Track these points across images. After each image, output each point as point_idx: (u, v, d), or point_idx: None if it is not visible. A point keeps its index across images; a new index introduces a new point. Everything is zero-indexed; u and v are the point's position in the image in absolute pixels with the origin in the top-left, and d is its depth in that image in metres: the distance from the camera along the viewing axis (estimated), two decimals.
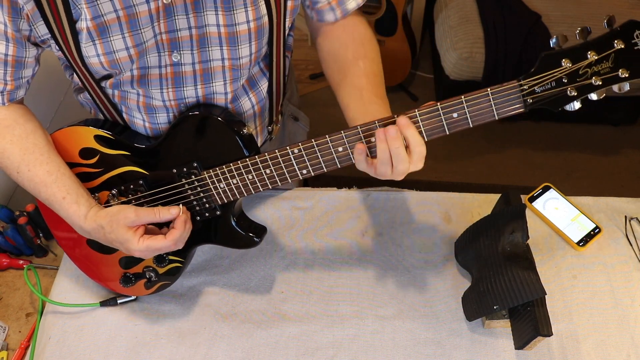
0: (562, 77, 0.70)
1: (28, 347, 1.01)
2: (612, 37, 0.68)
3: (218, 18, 0.84)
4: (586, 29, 0.69)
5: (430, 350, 0.99)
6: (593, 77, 0.69)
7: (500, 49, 2.31)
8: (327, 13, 0.95)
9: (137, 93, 0.91)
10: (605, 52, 0.68)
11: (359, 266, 1.11)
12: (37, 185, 0.90)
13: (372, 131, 0.79)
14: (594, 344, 0.99)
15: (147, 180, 0.94)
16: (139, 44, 0.82)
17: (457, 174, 2.40)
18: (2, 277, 1.12)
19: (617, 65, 0.69)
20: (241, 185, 0.89)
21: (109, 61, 0.83)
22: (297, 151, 0.83)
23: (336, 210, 1.19)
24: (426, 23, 2.84)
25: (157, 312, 1.05)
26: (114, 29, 0.80)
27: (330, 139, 0.81)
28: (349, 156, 0.82)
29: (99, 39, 0.81)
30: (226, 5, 0.83)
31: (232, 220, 0.95)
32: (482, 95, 0.73)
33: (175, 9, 0.81)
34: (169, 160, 0.91)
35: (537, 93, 0.71)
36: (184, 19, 0.82)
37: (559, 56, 0.70)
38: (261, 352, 0.99)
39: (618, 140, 2.55)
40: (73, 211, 0.89)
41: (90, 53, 0.82)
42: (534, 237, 1.13)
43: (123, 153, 0.93)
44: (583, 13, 2.42)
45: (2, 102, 0.91)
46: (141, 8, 0.79)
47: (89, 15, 0.78)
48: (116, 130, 0.95)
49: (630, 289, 1.06)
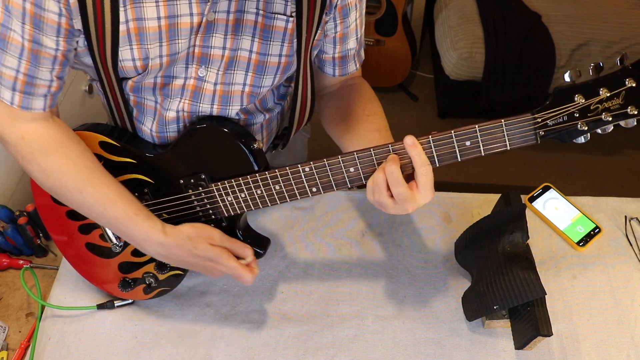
0: (574, 112, 0.72)
1: (28, 347, 1.01)
2: (624, 75, 0.70)
3: (253, 44, 0.85)
4: (599, 65, 0.70)
5: (430, 350, 0.99)
6: (603, 113, 0.71)
7: (500, 49, 2.31)
8: (328, 66, 0.99)
9: (155, 100, 0.90)
10: (617, 89, 0.70)
11: (359, 266, 1.11)
12: (104, 204, 0.85)
13: (384, 154, 0.80)
14: (594, 344, 0.99)
15: (152, 189, 0.93)
16: (173, 54, 0.82)
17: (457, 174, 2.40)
18: (2, 277, 1.12)
19: (627, 103, 0.71)
20: (249, 199, 0.88)
21: (144, 65, 0.82)
22: (308, 169, 0.82)
23: (336, 211, 1.19)
24: (426, 23, 2.84)
25: (157, 312, 1.05)
26: (152, 37, 0.79)
27: (342, 159, 0.81)
28: (360, 176, 0.82)
29: (137, 44, 0.80)
30: (264, 35, 0.84)
31: (238, 233, 0.95)
32: (495, 126, 0.75)
33: (215, 27, 0.81)
34: (176, 170, 0.90)
35: (549, 126, 0.73)
36: (221, 38, 0.83)
37: (572, 91, 0.71)
38: (261, 352, 0.99)
39: (618, 140, 2.55)
40: (149, 226, 0.85)
41: (125, 57, 0.81)
42: (534, 237, 1.13)
43: (129, 161, 0.92)
44: (583, 13, 2.42)
45: (43, 107, 0.82)
46: (184, 20, 0.79)
47: (132, 16, 0.77)
48: (122, 137, 0.93)
49: (630, 289, 1.06)
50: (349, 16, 0.90)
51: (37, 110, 0.82)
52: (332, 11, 0.88)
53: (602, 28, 2.35)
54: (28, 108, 0.81)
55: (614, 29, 2.35)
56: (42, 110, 0.83)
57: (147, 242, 0.87)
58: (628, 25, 2.35)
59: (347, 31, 0.93)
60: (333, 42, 0.94)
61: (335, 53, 0.96)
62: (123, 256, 1.00)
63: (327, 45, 0.95)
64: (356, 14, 0.92)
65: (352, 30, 0.93)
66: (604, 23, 2.37)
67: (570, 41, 2.34)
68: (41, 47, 0.77)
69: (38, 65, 0.78)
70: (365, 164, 0.81)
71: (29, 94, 0.80)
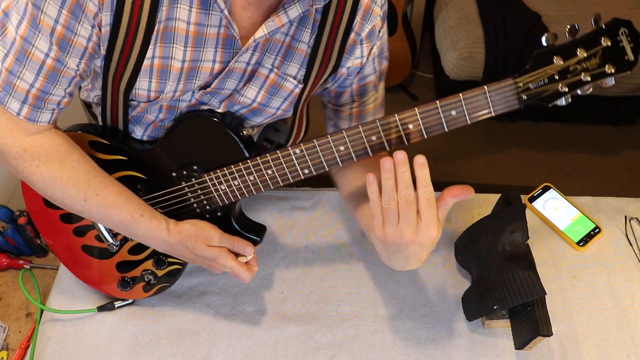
0: (554, 74, 0.73)
1: (28, 347, 1.01)
2: (599, 34, 0.71)
3: (258, 95, 0.88)
4: (574, 26, 0.72)
5: (430, 350, 0.99)
6: (582, 73, 0.72)
7: (500, 49, 2.31)
8: (344, 120, 1.00)
9: (157, 117, 0.90)
10: (594, 49, 0.71)
11: (359, 266, 1.11)
12: (108, 209, 0.85)
13: (374, 130, 0.79)
14: (594, 344, 0.99)
15: (145, 185, 0.93)
16: (187, 90, 0.84)
17: (457, 174, 2.40)
18: (2, 277, 1.12)
19: (604, 62, 0.72)
20: (242, 187, 0.89)
21: (157, 97, 0.83)
22: (299, 151, 0.83)
23: (336, 210, 1.19)
24: (426, 23, 2.84)
25: (157, 312, 1.05)
26: (173, 76, 0.81)
27: (331, 138, 0.81)
28: (350, 155, 0.82)
29: (157, 80, 0.81)
30: (271, 90, 0.88)
31: (233, 221, 0.95)
32: (479, 93, 0.76)
33: (233, 74, 0.84)
34: (167, 163, 0.91)
35: (531, 90, 0.74)
36: (234, 83, 0.86)
37: (551, 54, 0.72)
38: (261, 352, 0.99)
39: (618, 140, 2.55)
40: (154, 226, 0.87)
41: (142, 87, 0.82)
42: (534, 237, 1.13)
43: (119, 158, 0.92)
44: (583, 13, 2.42)
45: (49, 120, 0.82)
46: (205, 65, 0.81)
47: (160, 54, 0.78)
48: (112, 135, 0.93)
49: (630, 289, 1.06)
50: (364, 70, 0.94)
51: (43, 124, 0.81)
52: (337, 77, 0.93)
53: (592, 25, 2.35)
54: (35, 121, 0.80)
55: None
56: (47, 124, 0.82)
57: (151, 240, 0.89)
58: None
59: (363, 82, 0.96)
60: None
61: (377, 102, 0.99)
62: (120, 255, 1.00)
63: None
64: (374, 66, 0.95)
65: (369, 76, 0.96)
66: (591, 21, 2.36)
67: None
68: (63, 67, 0.77)
69: (55, 83, 0.78)
70: (354, 142, 0.81)
71: (39, 108, 0.79)
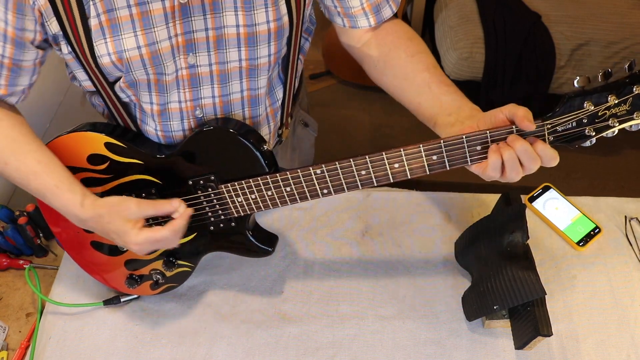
0: (582, 118, 0.74)
1: (28, 347, 1.01)
2: (632, 81, 0.72)
3: (238, 18, 0.82)
4: (608, 71, 0.72)
5: (430, 350, 0.99)
6: (610, 119, 0.74)
7: (500, 49, 2.31)
8: (361, 19, 0.93)
9: (151, 102, 0.89)
10: (625, 96, 0.72)
11: (359, 266, 1.11)
12: (26, 175, 0.85)
13: (397, 157, 0.79)
14: (594, 344, 0.99)
15: (159, 189, 0.92)
16: (151, 44, 0.81)
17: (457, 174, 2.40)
18: (2, 277, 1.12)
19: (633, 109, 0.73)
20: (260, 201, 0.88)
21: (120, 59, 0.81)
22: (320, 172, 0.83)
23: (336, 210, 1.19)
24: (426, 23, 2.84)
25: (158, 312, 1.05)
26: (125, 27, 0.79)
27: (354, 162, 0.81)
28: (371, 179, 0.82)
29: (111, 37, 0.79)
30: (247, 5, 0.82)
31: (248, 232, 0.95)
32: (507, 130, 0.78)
33: (191, 9, 0.80)
34: (185, 171, 0.90)
35: (559, 132, 0.76)
36: (201, 20, 0.81)
37: (582, 98, 0.73)
38: (261, 352, 0.99)
39: (618, 140, 2.54)
40: (67, 199, 0.85)
41: (102, 52, 0.81)
42: (534, 237, 1.13)
43: (135, 162, 0.91)
44: (583, 13, 2.42)
45: None
46: (155, 6, 0.78)
47: (102, 9, 0.77)
48: (128, 137, 0.93)
49: (630, 289, 1.06)
50: None
51: None
52: None
53: (602, 28, 2.35)
54: None
55: (614, 29, 2.35)
56: None
57: (67, 213, 0.87)
58: (628, 25, 2.35)
59: None
60: None
61: (364, 3, 0.91)
62: (130, 253, 1.00)
63: None
64: None
65: None
66: (604, 23, 2.36)
67: (570, 41, 2.33)
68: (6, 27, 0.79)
69: None
70: (377, 167, 0.81)
71: None
